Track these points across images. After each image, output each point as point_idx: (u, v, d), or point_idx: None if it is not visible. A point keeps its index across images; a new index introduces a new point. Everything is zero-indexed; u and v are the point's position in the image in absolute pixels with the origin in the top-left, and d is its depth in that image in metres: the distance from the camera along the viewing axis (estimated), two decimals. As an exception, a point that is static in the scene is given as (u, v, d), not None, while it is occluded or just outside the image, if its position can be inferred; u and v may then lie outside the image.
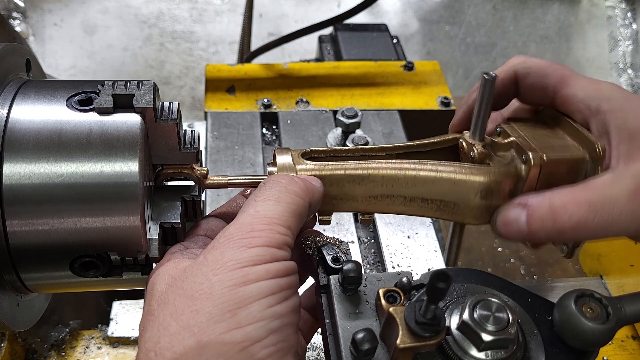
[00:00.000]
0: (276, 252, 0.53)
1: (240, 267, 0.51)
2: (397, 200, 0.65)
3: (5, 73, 0.61)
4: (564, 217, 0.56)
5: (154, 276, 0.56)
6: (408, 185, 0.64)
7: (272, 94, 1.38)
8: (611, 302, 0.54)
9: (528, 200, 0.59)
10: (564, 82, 0.63)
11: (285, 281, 0.52)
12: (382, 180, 0.64)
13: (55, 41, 2.78)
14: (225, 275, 0.50)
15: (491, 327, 0.50)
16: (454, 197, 0.63)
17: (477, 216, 0.63)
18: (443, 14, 3.09)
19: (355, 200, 0.65)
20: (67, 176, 0.56)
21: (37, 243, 0.57)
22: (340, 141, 1.24)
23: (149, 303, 0.54)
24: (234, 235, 0.53)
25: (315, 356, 0.93)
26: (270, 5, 2.98)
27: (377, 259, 1.07)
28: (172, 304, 0.51)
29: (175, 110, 0.61)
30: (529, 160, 0.60)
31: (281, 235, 0.54)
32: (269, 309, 0.50)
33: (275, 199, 0.57)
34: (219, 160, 1.21)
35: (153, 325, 0.51)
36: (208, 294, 0.50)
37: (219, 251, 0.52)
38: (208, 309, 0.49)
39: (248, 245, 0.52)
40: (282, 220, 0.55)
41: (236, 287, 0.50)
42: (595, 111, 0.60)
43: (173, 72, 2.77)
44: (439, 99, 1.40)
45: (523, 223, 0.58)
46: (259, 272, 0.51)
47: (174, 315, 0.50)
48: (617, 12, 2.98)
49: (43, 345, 1.00)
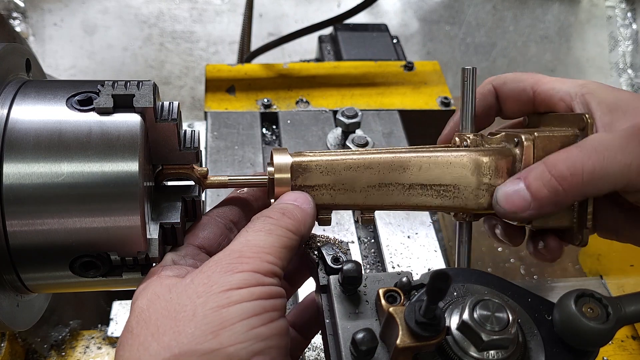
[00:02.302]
0: (262, 278, 0.53)
1: (224, 290, 0.51)
2: (395, 190, 0.64)
3: (5, 73, 0.61)
4: (560, 166, 0.58)
5: (138, 291, 0.56)
6: (404, 171, 0.64)
7: (272, 94, 1.38)
8: (611, 302, 0.54)
9: (523, 172, 0.61)
10: (539, 81, 0.67)
11: (269, 303, 0.52)
12: (379, 166, 0.64)
13: (55, 41, 2.78)
14: (209, 297, 0.50)
15: (491, 327, 0.50)
16: (452, 179, 0.64)
17: (478, 197, 0.64)
18: (443, 14, 3.09)
19: (353, 190, 0.64)
20: (67, 176, 0.56)
21: (37, 243, 0.57)
22: (340, 141, 1.24)
23: (129, 319, 0.53)
24: (222, 260, 0.53)
25: (315, 356, 0.93)
26: (270, 5, 2.98)
27: (377, 259, 1.07)
28: (154, 323, 0.51)
29: (175, 110, 0.61)
30: (520, 141, 0.63)
31: (269, 264, 0.54)
32: (252, 331, 0.49)
33: (267, 230, 0.57)
34: (219, 160, 1.21)
35: (132, 344, 0.50)
36: (191, 316, 0.50)
37: (206, 275, 0.52)
38: (190, 330, 0.49)
39: (234, 270, 0.52)
40: (272, 250, 0.55)
41: (219, 309, 0.50)
42: (575, 95, 0.64)
43: (173, 72, 2.76)
44: (439, 99, 1.40)
45: (523, 189, 0.60)
46: (242, 294, 0.51)
47: (155, 335, 0.50)
48: (617, 12, 2.98)
49: (43, 345, 1.00)
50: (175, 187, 0.66)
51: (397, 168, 0.64)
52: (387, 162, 0.64)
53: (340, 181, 0.64)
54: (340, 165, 0.64)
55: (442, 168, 0.64)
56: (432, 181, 0.64)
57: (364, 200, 0.65)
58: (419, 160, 0.64)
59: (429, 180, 0.64)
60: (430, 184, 0.64)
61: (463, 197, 0.64)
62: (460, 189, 0.64)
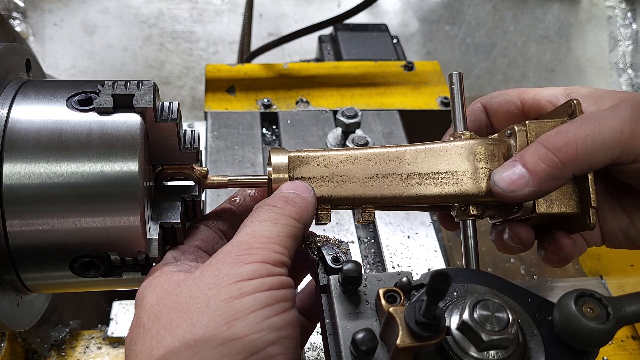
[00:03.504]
0: (272, 268, 0.53)
1: (236, 281, 0.51)
2: (393, 180, 0.65)
3: (5, 73, 0.61)
4: (553, 139, 0.59)
5: (143, 288, 0.55)
6: (401, 162, 0.65)
7: (272, 94, 1.38)
8: (611, 302, 0.54)
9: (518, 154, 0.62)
10: (524, 91, 0.70)
11: (281, 293, 0.52)
12: (375, 158, 0.65)
13: (55, 41, 2.78)
14: (221, 289, 0.50)
15: (491, 327, 0.50)
16: (448, 166, 0.65)
17: (477, 182, 0.65)
18: (443, 14, 3.09)
19: (351, 182, 0.65)
20: (67, 176, 0.56)
21: (37, 243, 0.57)
22: (340, 141, 1.24)
23: (137, 315, 0.53)
24: (230, 252, 0.53)
25: (315, 356, 0.93)
26: (270, 5, 2.98)
27: (377, 259, 1.07)
28: (166, 317, 0.51)
29: (175, 110, 0.61)
30: (514, 132, 0.65)
31: (277, 254, 0.54)
32: (266, 321, 0.49)
33: (272, 220, 0.57)
34: (219, 160, 1.21)
35: (145, 338, 0.50)
36: (204, 308, 0.50)
37: (216, 267, 0.52)
38: (204, 322, 0.49)
39: (244, 262, 0.52)
40: (279, 239, 0.55)
41: (232, 300, 0.50)
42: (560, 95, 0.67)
43: (173, 72, 2.76)
44: (439, 99, 1.40)
45: (519, 167, 0.60)
46: (254, 285, 0.51)
47: (168, 328, 0.50)
48: (617, 12, 2.98)
49: (43, 345, 1.00)
50: (175, 187, 0.66)
51: (394, 159, 0.65)
52: (384, 154, 0.65)
53: (338, 173, 0.65)
54: (338, 157, 0.65)
55: (438, 156, 0.65)
56: (429, 169, 0.65)
57: (363, 191, 0.65)
58: (415, 151, 0.66)
59: (426, 169, 0.65)
60: (428, 172, 0.65)
61: (462, 182, 0.65)
62: (459, 174, 0.65)
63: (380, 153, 0.66)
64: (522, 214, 0.65)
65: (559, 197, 0.64)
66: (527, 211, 0.65)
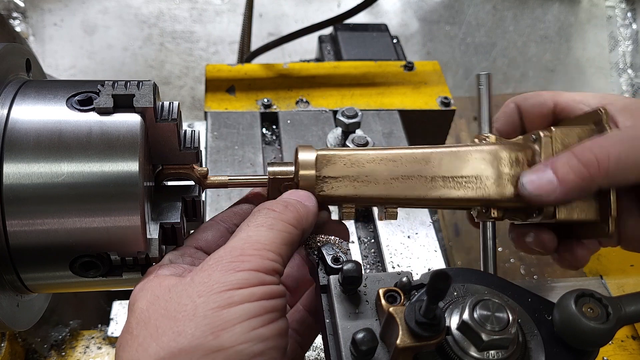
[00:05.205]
0: (264, 276, 0.52)
1: (225, 289, 0.50)
2: (417, 182, 0.65)
3: (5, 73, 0.61)
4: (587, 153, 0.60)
5: (135, 292, 0.55)
6: (426, 164, 0.65)
7: (272, 94, 1.38)
8: (611, 302, 0.54)
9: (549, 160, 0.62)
10: (557, 94, 0.70)
11: (270, 304, 0.51)
12: (402, 159, 0.65)
13: (55, 41, 2.78)
14: (210, 297, 0.50)
15: (491, 327, 0.50)
16: (472, 170, 0.65)
17: (501, 187, 0.65)
18: (443, 14, 3.09)
19: (376, 182, 0.65)
20: (67, 176, 0.56)
21: (37, 243, 0.57)
22: (340, 141, 1.24)
23: (128, 321, 0.53)
24: (222, 258, 0.53)
25: (315, 356, 0.93)
26: (270, 5, 2.98)
27: (377, 259, 1.07)
28: (154, 324, 0.50)
29: (175, 110, 0.61)
30: (539, 137, 0.65)
31: (270, 261, 0.54)
32: (252, 332, 0.49)
33: (268, 225, 0.56)
34: (219, 160, 1.21)
35: (132, 345, 0.50)
36: (191, 316, 0.49)
37: (207, 273, 0.52)
38: (190, 331, 0.48)
39: (235, 269, 0.52)
40: (273, 247, 0.55)
41: (220, 310, 0.49)
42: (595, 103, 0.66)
43: (173, 72, 2.76)
44: (439, 99, 1.40)
45: (550, 173, 0.61)
46: (244, 295, 0.50)
47: (154, 335, 0.49)
48: (617, 12, 2.98)
49: (43, 345, 1.00)
50: (175, 187, 0.66)
51: (420, 161, 0.65)
52: (409, 156, 0.66)
53: (364, 173, 0.65)
54: (364, 157, 0.65)
55: (463, 160, 0.65)
56: (453, 173, 0.65)
57: (387, 192, 0.65)
58: (440, 153, 0.66)
59: (451, 172, 0.65)
60: (452, 175, 0.65)
61: (485, 187, 0.65)
62: (482, 179, 0.65)
63: (407, 154, 0.66)
64: (543, 218, 0.66)
65: (579, 204, 0.65)
66: (548, 216, 0.65)
